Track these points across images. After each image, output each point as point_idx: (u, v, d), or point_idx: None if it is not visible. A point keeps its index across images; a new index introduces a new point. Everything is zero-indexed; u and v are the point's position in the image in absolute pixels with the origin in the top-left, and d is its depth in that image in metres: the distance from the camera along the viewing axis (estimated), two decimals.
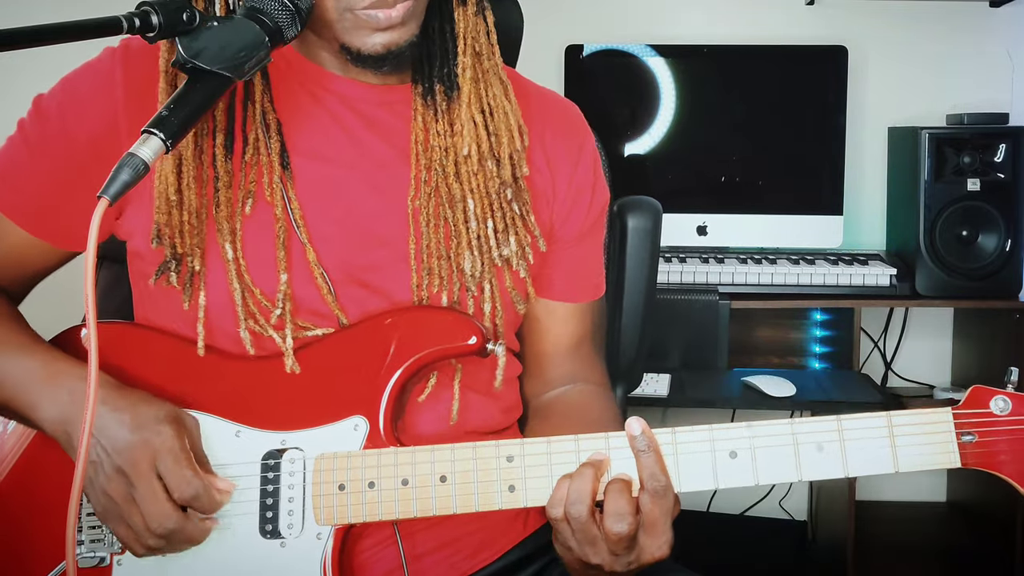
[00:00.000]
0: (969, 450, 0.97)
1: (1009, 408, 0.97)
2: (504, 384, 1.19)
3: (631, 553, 0.98)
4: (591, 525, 0.97)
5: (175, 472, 1.01)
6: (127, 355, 1.12)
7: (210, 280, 1.09)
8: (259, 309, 1.09)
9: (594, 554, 0.98)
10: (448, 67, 1.15)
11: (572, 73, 2.76)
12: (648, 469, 0.97)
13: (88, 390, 0.84)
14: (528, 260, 1.17)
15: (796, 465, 0.98)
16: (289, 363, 1.08)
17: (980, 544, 2.69)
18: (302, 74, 1.14)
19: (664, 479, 0.97)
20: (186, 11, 0.91)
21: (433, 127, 1.14)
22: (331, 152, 1.13)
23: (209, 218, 1.09)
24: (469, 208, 1.13)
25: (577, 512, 0.97)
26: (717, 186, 2.79)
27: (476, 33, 1.15)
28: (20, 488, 1.13)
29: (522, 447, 1.02)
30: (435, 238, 1.13)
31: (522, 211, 1.16)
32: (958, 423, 0.98)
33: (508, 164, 1.15)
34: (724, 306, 2.48)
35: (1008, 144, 2.50)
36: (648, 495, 0.97)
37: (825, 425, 0.99)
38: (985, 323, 2.72)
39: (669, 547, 0.98)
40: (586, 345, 1.29)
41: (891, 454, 0.98)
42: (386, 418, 1.06)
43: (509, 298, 1.18)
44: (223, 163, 1.09)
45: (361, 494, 1.04)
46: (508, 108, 1.16)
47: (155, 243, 1.08)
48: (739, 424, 0.99)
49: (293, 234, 1.10)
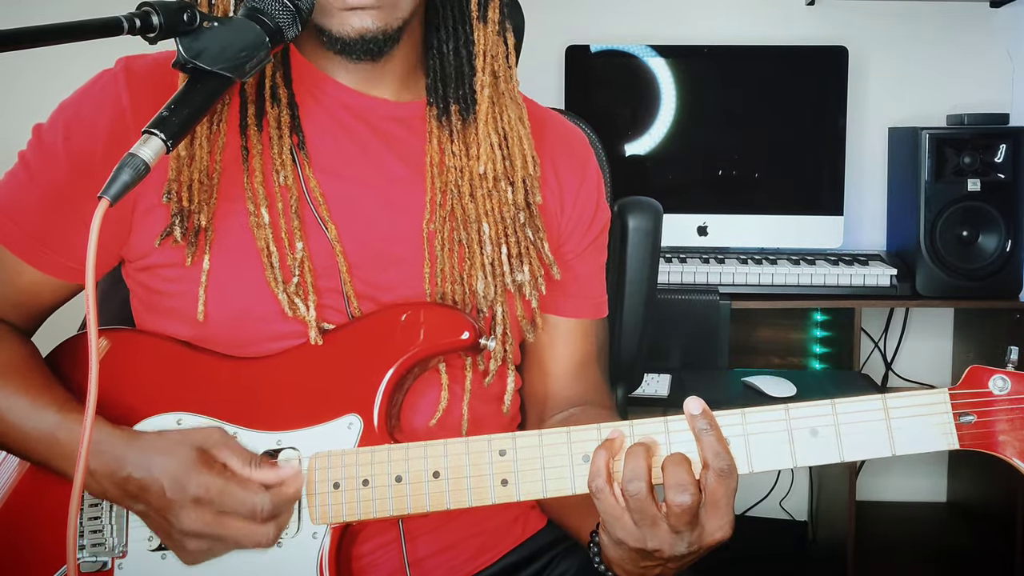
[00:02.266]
0: (967, 431, 0.94)
1: (1009, 387, 0.94)
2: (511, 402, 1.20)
3: (693, 532, 0.95)
4: (651, 503, 0.94)
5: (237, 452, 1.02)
6: (125, 359, 1.11)
7: (220, 246, 1.09)
8: (284, 276, 1.08)
9: (653, 536, 0.95)
10: (464, 88, 1.15)
11: (573, 73, 2.76)
12: (711, 448, 0.94)
13: (88, 390, 0.84)
14: (541, 291, 1.17)
15: (791, 451, 0.97)
16: (313, 335, 1.08)
17: (980, 544, 2.69)
18: (315, 86, 1.14)
19: (729, 458, 0.94)
20: (186, 11, 0.91)
21: (448, 148, 1.14)
22: (345, 168, 1.13)
23: (224, 189, 1.09)
24: (484, 231, 1.13)
25: (636, 489, 0.94)
26: (717, 186, 2.79)
27: (496, 53, 1.15)
28: (25, 495, 1.12)
29: (514, 440, 1.01)
30: (449, 262, 1.13)
31: (536, 239, 1.16)
32: (955, 404, 0.95)
33: (522, 188, 1.15)
34: (724, 306, 2.48)
35: (1008, 144, 2.50)
36: (713, 474, 0.94)
37: (820, 410, 0.97)
38: (985, 323, 2.72)
39: (731, 528, 0.95)
40: (591, 367, 1.28)
41: (887, 437, 0.95)
42: (380, 416, 1.06)
43: (519, 326, 1.18)
44: (255, 134, 1.09)
45: (355, 492, 1.04)
46: (523, 133, 1.16)
47: (166, 198, 1.07)
48: (732, 411, 0.97)
49: (308, 208, 1.10)
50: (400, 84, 1.16)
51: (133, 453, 1.03)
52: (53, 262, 1.11)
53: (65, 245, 1.10)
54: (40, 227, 1.10)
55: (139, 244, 1.10)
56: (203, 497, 1.00)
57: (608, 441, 0.98)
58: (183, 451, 1.02)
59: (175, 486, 1.01)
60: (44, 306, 1.16)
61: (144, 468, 1.02)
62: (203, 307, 1.08)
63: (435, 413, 1.13)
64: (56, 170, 1.08)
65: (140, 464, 1.02)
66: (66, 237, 1.10)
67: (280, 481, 1.03)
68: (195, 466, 1.01)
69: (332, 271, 1.11)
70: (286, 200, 1.09)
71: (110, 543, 1.08)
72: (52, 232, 1.10)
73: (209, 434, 1.04)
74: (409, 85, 1.17)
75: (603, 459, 0.96)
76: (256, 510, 1.01)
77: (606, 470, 0.96)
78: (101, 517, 1.08)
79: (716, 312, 2.47)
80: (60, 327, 1.21)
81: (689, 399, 0.97)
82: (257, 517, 1.01)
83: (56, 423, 1.06)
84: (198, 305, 1.08)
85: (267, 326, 1.09)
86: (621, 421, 1.00)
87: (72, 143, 1.08)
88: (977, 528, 2.75)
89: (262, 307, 1.09)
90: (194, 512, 1.01)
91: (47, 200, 1.09)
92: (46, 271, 1.12)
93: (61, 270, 1.12)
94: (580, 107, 2.70)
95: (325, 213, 1.11)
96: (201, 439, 1.04)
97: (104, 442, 1.03)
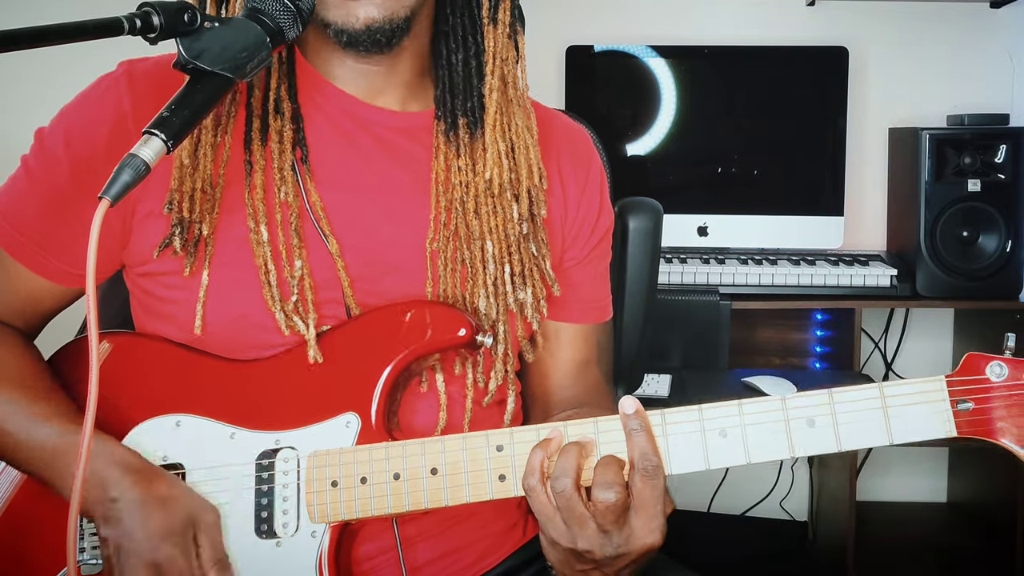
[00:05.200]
0: (965, 418, 0.93)
1: (1006, 374, 0.94)
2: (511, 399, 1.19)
3: (621, 532, 0.95)
4: (577, 501, 0.95)
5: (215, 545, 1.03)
6: (125, 362, 1.12)
7: (219, 263, 1.08)
8: (282, 294, 1.08)
9: (582, 536, 0.95)
10: (472, 101, 1.14)
11: (573, 74, 2.76)
12: (639, 448, 0.96)
13: (88, 391, 0.84)
14: (542, 313, 1.17)
15: (788, 442, 0.96)
16: (312, 353, 1.07)
17: (980, 544, 2.69)
18: (318, 94, 1.14)
19: (656, 459, 0.95)
20: (187, 12, 0.91)
21: (455, 163, 1.14)
22: (348, 180, 1.13)
23: (226, 202, 1.08)
24: (487, 250, 1.13)
25: (561, 486, 0.95)
26: (718, 187, 2.79)
27: (506, 57, 1.14)
28: (29, 498, 1.12)
29: (511, 436, 1.01)
30: (452, 281, 1.13)
31: (539, 255, 1.16)
32: (953, 391, 0.94)
33: (526, 199, 1.15)
34: (725, 307, 2.48)
35: (1008, 145, 2.50)
36: (639, 475, 0.95)
37: (816, 400, 0.96)
38: (985, 323, 2.72)
39: (661, 534, 0.96)
40: (592, 369, 1.28)
41: (884, 425, 0.95)
42: (378, 414, 1.06)
43: (519, 346, 1.18)
44: (259, 148, 1.09)
45: (353, 490, 1.04)
46: (530, 142, 1.15)
47: (167, 209, 1.07)
48: (729, 403, 0.97)
49: (310, 223, 1.09)
50: (407, 93, 1.15)
51: (136, 489, 1.02)
52: (54, 268, 1.11)
53: (66, 250, 1.10)
54: (42, 232, 1.10)
55: (139, 250, 1.10)
56: (161, 566, 1.00)
57: (545, 440, 0.99)
58: (179, 517, 1.02)
59: (149, 543, 1.00)
60: (46, 310, 1.16)
61: (133, 503, 1.02)
62: (200, 321, 1.08)
63: (436, 424, 1.13)
64: (57, 175, 1.08)
65: (131, 499, 1.02)
66: (67, 242, 1.10)
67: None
68: (174, 536, 1.01)
69: (334, 283, 1.10)
70: (286, 216, 1.09)
71: None
72: (53, 237, 1.10)
73: (207, 512, 1.04)
74: (417, 94, 1.16)
75: (538, 458, 0.97)
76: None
77: (540, 469, 0.97)
78: None
79: (716, 312, 2.47)
80: (61, 327, 1.21)
81: (624, 398, 0.98)
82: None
83: (58, 436, 1.05)
84: (195, 320, 1.08)
85: (265, 334, 1.09)
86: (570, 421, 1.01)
87: (73, 148, 1.08)
88: (977, 528, 2.75)
89: (260, 316, 1.09)
90: (145, 572, 1.00)
91: (49, 205, 1.09)
92: (47, 276, 1.12)
93: (62, 276, 1.12)
94: (580, 107, 2.71)
95: (326, 227, 1.10)
96: (198, 512, 1.03)
97: (114, 460, 1.03)
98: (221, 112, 1.09)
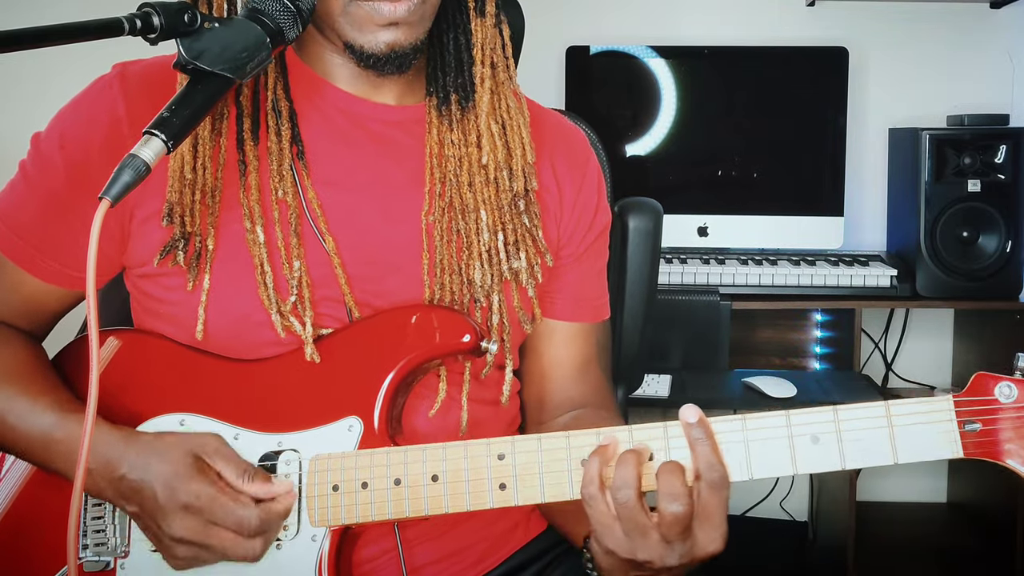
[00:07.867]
0: (972, 439, 0.91)
1: (1016, 395, 0.91)
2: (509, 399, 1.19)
3: (684, 543, 0.92)
4: (640, 512, 0.92)
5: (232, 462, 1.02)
6: (129, 361, 1.12)
7: (219, 263, 1.08)
8: (279, 296, 1.08)
9: (643, 547, 0.93)
10: (463, 77, 1.15)
11: (573, 74, 2.76)
12: (705, 458, 0.92)
13: (89, 391, 0.84)
14: (537, 279, 1.17)
15: (791, 458, 0.94)
16: (309, 351, 1.07)
17: (980, 544, 2.69)
18: (314, 92, 1.14)
19: (722, 469, 0.92)
20: (187, 12, 0.91)
21: (448, 137, 1.15)
22: (344, 177, 1.13)
23: (223, 201, 1.08)
24: (481, 219, 1.14)
25: (625, 497, 0.92)
26: (718, 187, 2.79)
27: (493, 45, 1.16)
28: (32, 495, 1.13)
29: (513, 445, 1.01)
30: (448, 252, 1.13)
31: (532, 225, 1.16)
32: (960, 412, 0.92)
33: (521, 176, 1.15)
34: (725, 307, 2.48)
35: (1008, 145, 2.50)
36: (706, 485, 0.92)
37: (821, 416, 0.94)
38: (986, 324, 2.72)
39: (723, 541, 0.93)
40: (592, 369, 1.27)
41: (890, 445, 0.93)
42: (381, 418, 1.06)
43: (516, 316, 1.18)
44: (252, 148, 1.09)
45: (354, 494, 1.03)
46: (521, 121, 1.16)
47: (166, 221, 1.07)
48: (732, 416, 0.96)
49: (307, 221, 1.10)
50: (404, 87, 1.16)
51: (130, 454, 1.03)
52: (54, 271, 1.11)
53: (65, 254, 1.10)
54: (40, 237, 1.10)
55: (138, 253, 1.10)
56: (193, 505, 1.00)
57: (601, 447, 0.96)
58: (178, 456, 1.02)
59: (167, 491, 1.01)
60: (51, 312, 1.16)
61: (139, 469, 1.02)
62: (202, 326, 1.08)
63: (432, 411, 1.12)
64: (54, 179, 1.08)
65: (135, 465, 1.02)
66: (66, 245, 1.10)
67: (271, 496, 1.02)
68: (188, 472, 1.01)
69: (331, 280, 1.10)
70: (284, 215, 1.09)
71: (112, 543, 1.08)
72: (52, 241, 1.10)
73: (206, 441, 1.04)
74: (414, 88, 1.17)
75: (596, 466, 0.94)
76: (243, 524, 1.00)
77: (599, 477, 0.94)
78: (104, 517, 1.08)
79: (716, 313, 2.47)
80: (60, 327, 1.21)
81: (685, 407, 0.95)
82: (244, 531, 1.00)
83: (54, 423, 1.06)
84: (197, 323, 1.08)
85: (267, 332, 1.09)
86: (620, 426, 0.99)
87: (68, 151, 1.08)
88: (977, 529, 2.75)
89: (261, 314, 1.09)
90: (183, 519, 1.00)
91: (46, 210, 1.09)
92: (48, 280, 1.12)
93: (62, 279, 1.12)
94: (580, 108, 2.71)
95: (323, 225, 1.10)
96: (198, 445, 1.03)
97: (101, 441, 1.03)
98: (214, 115, 1.09)
